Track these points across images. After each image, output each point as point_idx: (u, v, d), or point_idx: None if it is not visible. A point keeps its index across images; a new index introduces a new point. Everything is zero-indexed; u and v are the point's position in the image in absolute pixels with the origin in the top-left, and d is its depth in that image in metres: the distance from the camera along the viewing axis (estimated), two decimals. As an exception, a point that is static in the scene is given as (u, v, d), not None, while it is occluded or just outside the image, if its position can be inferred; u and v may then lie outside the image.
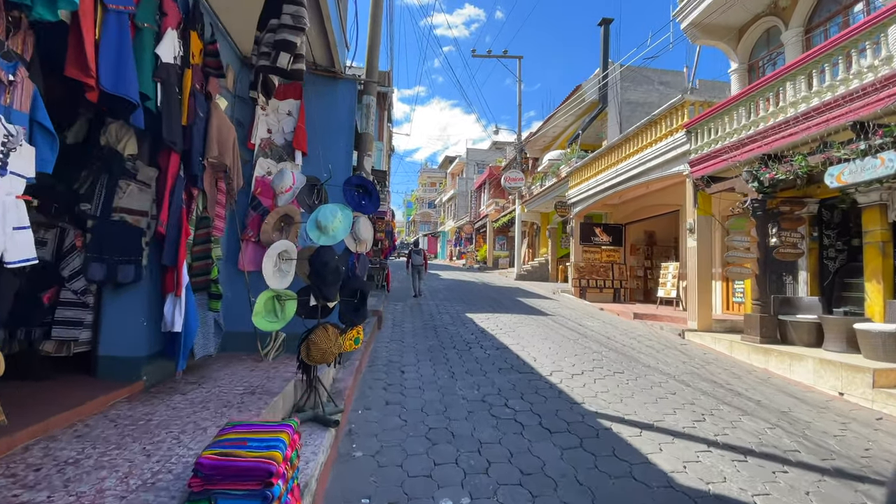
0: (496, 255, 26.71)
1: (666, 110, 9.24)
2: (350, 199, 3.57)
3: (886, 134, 5.11)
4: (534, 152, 22.06)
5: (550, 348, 6.73)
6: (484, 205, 29.88)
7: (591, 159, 12.97)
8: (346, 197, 3.58)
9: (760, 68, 8.91)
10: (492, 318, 9.15)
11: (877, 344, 5.40)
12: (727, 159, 7.51)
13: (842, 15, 7.12)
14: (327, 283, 3.00)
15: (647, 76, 15.88)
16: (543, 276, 19.61)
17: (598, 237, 14.33)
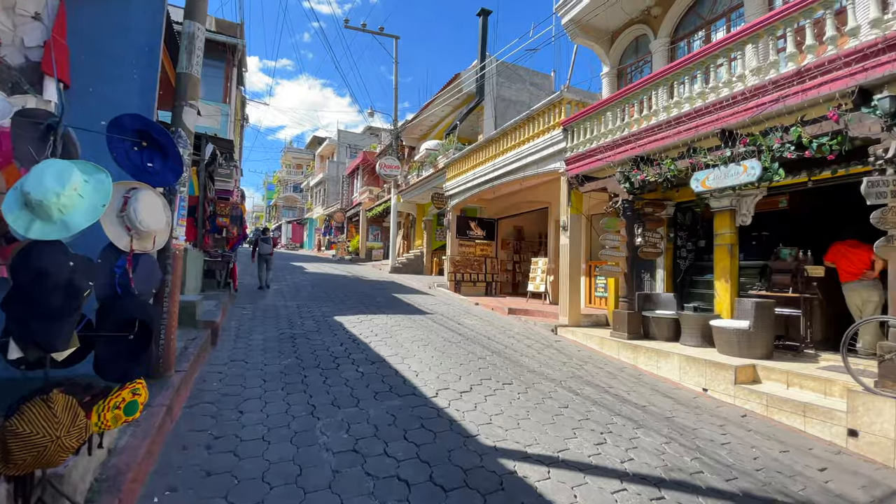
0: (370, 246, 25.33)
1: (544, 106, 9.16)
2: (121, 155, 2.08)
3: (751, 143, 5.41)
4: (410, 140, 21.23)
5: (433, 357, 5.88)
6: (357, 192, 28.12)
7: (470, 151, 12.60)
8: (113, 152, 2.08)
9: (629, 74, 9.42)
10: (365, 320, 7.98)
11: (731, 340, 5.80)
12: (602, 159, 7.60)
13: (704, 29, 7.74)
14: (41, 315, 1.55)
15: (521, 75, 16.26)
16: (418, 269, 19.02)
17: (473, 231, 14.16)
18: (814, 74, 4.66)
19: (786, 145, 5.04)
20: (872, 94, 4.26)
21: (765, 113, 5.14)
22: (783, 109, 4.97)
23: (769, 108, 5.10)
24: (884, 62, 4.12)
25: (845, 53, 4.38)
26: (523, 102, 16.00)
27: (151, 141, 2.27)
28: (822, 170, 5.39)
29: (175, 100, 3.84)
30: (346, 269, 19.19)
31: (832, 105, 4.55)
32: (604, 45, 9.51)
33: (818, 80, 4.63)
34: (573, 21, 9.05)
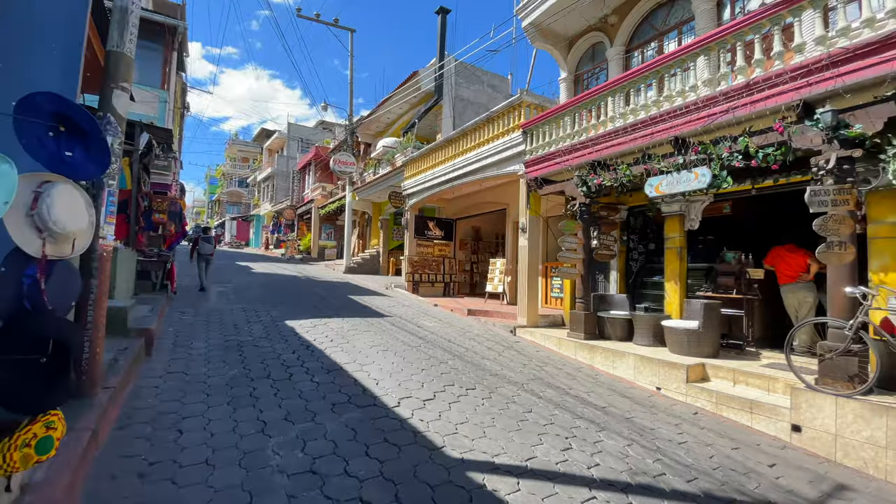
0: (323, 244, 24.48)
1: (504, 108, 9.16)
2: (32, 142, 1.71)
3: (702, 151, 5.63)
4: (366, 137, 20.71)
5: (394, 363, 5.65)
6: (309, 188, 27.10)
7: (429, 151, 12.43)
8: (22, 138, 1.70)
9: (585, 80, 9.63)
10: (320, 324, 7.58)
11: (682, 340, 6.03)
12: (560, 163, 7.68)
13: (657, 40, 8.03)
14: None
15: (479, 76, 16.30)
16: (374, 269, 18.59)
17: (432, 231, 14.01)
18: (761, 87, 4.91)
19: (734, 154, 5.28)
20: (815, 108, 4.53)
21: (716, 123, 5.37)
22: (732, 120, 5.20)
23: (719, 118, 5.33)
24: (827, 78, 4.39)
25: (791, 68, 4.64)
26: (481, 104, 16.04)
27: (71, 126, 1.90)
28: (765, 178, 5.71)
29: (104, 81, 3.35)
30: (297, 269, 18.39)
31: (778, 117, 4.81)
32: (562, 50, 9.68)
33: (765, 93, 4.87)
34: (533, 25, 9.13)
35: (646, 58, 8.18)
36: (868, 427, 3.90)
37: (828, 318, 4.38)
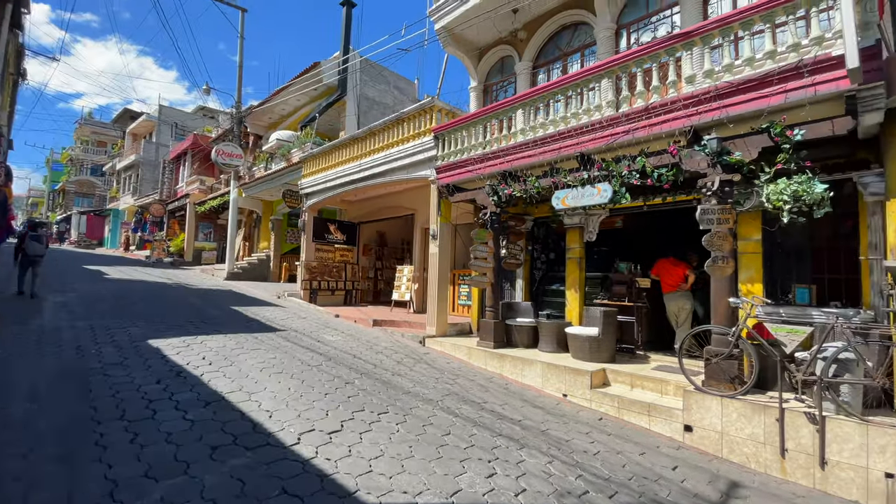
0: (199, 246, 21.54)
1: (415, 110, 8.86)
2: None
3: (604, 167, 5.93)
4: (257, 128, 18.77)
5: (291, 389, 4.89)
6: (184, 181, 23.74)
7: (332, 148, 11.57)
8: None
9: (494, 91, 9.78)
10: (195, 343, 6.38)
11: (584, 346, 6.27)
12: (472, 171, 7.62)
13: (562, 60, 8.43)
14: None
15: (385, 76, 15.82)
16: (263, 275, 16.82)
17: (333, 235, 13.09)
18: (658, 112, 5.30)
19: (632, 172, 5.64)
20: (703, 135, 5.00)
21: (618, 142, 5.69)
22: (633, 140, 5.55)
23: (621, 138, 5.66)
24: (714, 108, 4.87)
25: (684, 97, 5.07)
26: (387, 105, 15.58)
27: None
28: (656, 196, 6.21)
29: None
30: (167, 274, 15.83)
31: (673, 141, 5.23)
32: (473, 58, 9.73)
33: (662, 117, 5.28)
34: (446, 29, 9.00)
35: (552, 75, 8.57)
36: (749, 424, 4.34)
37: (712, 326, 4.83)
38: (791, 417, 4.14)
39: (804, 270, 5.25)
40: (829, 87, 4.22)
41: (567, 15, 8.15)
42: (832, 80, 4.20)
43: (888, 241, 4.29)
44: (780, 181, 4.49)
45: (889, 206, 4.30)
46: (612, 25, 7.49)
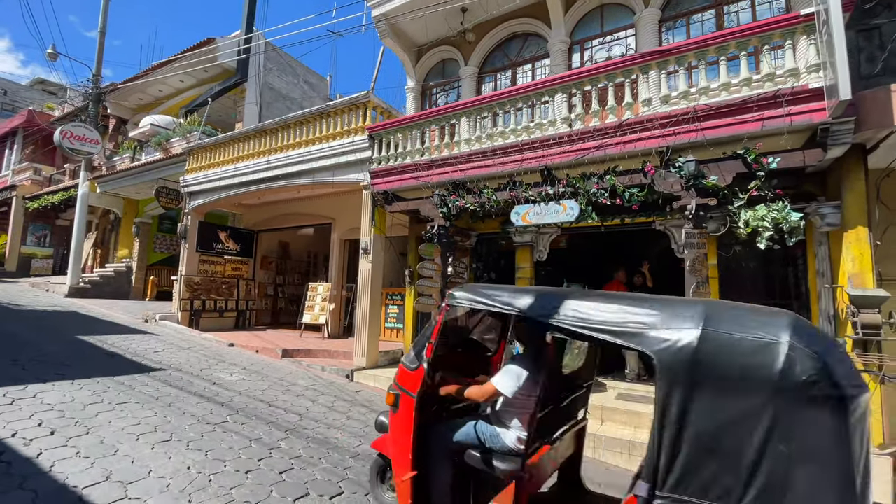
0: (28, 252, 16.75)
1: (346, 104, 7.68)
2: None
3: (570, 184, 5.52)
4: (121, 109, 15.29)
5: (191, 468, 3.38)
6: (9, 168, 18.43)
7: (229, 140, 9.63)
8: None
9: (434, 95, 9.02)
10: (23, 398, 4.32)
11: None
12: (417, 178, 6.73)
13: (511, 70, 8.02)
14: None
15: (294, 68, 14.09)
16: (120, 291, 13.52)
17: (224, 244, 10.97)
18: (634, 129, 5.06)
19: (601, 191, 5.32)
20: (677, 157, 4.84)
21: (589, 157, 5.33)
22: (605, 157, 5.23)
23: (592, 153, 5.31)
24: (691, 130, 4.73)
25: (661, 116, 4.88)
26: (294, 99, 13.86)
27: None
28: (615, 217, 6.00)
29: None
30: (-26, 289, 11.75)
31: (649, 160, 5.01)
32: (411, 56, 8.88)
33: (637, 134, 5.03)
34: (386, 17, 8.00)
35: (499, 84, 8.13)
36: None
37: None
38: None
39: (757, 295, 5.39)
40: (804, 118, 4.31)
41: (519, 23, 7.82)
42: (807, 112, 4.29)
43: (846, 270, 4.49)
44: (759, 207, 4.46)
45: (847, 236, 4.50)
46: (566, 40, 7.32)
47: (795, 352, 1.52)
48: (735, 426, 1.57)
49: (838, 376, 1.46)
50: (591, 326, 1.95)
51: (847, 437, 1.39)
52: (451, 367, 2.91)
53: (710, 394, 1.63)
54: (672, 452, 1.66)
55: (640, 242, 8.57)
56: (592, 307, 2.01)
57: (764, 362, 1.56)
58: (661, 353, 1.72)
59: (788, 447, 1.46)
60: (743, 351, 1.61)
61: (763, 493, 1.47)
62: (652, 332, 1.79)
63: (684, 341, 1.70)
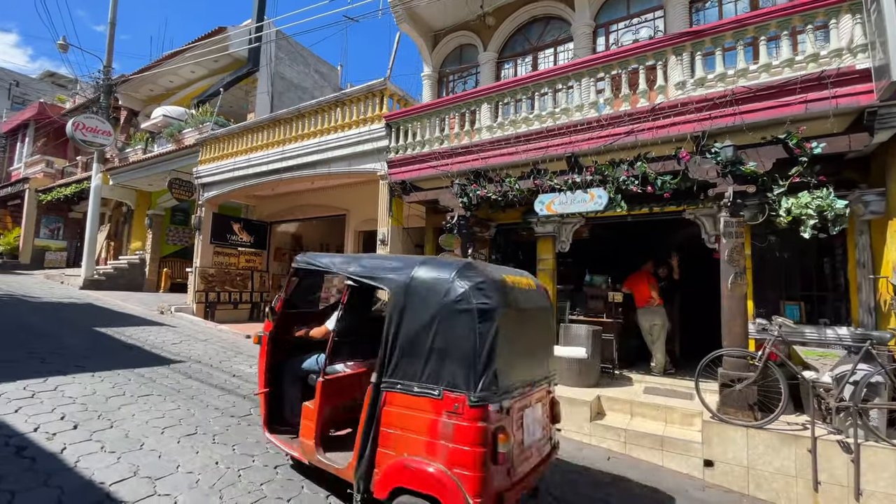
0: (42, 245, 16.86)
1: (362, 92, 7.51)
2: None
3: (598, 171, 5.33)
4: (132, 101, 15.23)
5: (219, 464, 3.30)
6: (22, 161, 18.51)
7: (243, 130, 9.52)
8: None
9: (451, 82, 8.82)
10: (44, 391, 4.27)
11: (572, 369, 5.57)
12: (436, 167, 6.56)
13: (532, 54, 7.79)
14: None
15: (305, 57, 13.90)
16: (134, 283, 13.55)
17: (238, 236, 10.91)
18: (667, 114, 4.85)
19: (631, 178, 5.13)
20: (715, 141, 4.63)
21: (619, 143, 5.13)
22: (637, 142, 5.03)
23: (622, 139, 5.11)
24: (729, 113, 4.52)
25: (696, 99, 4.66)
26: (306, 89, 13.69)
27: None
28: (643, 206, 5.80)
29: None
30: (-9, 281, 11.83)
31: (685, 145, 4.81)
32: (428, 42, 8.67)
33: (670, 119, 4.82)
34: (402, 0, 7.80)
35: (519, 70, 7.90)
36: (778, 457, 3.96)
37: (731, 349, 4.43)
38: (822, 447, 3.85)
39: (792, 287, 5.20)
40: (850, 100, 4.08)
41: (541, 6, 7.57)
42: (853, 94, 4.07)
43: (890, 260, 4.28)
44: (803, 195, 4.26)
45: (891, 225, 4.30)
46: (590, 23, 7.07)
47: (453, 284, 2.50)
48: (423, 328, 2.54)
49: (473, 298, 2.43)
50: (362, 274, 2.96)
51: (474, 328, 2.37)
52: (312, 319, 3.77)
53: (413, 310, 2.61)
54: (392, 350, 2.61)
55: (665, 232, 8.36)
56: (365, 263, 3.04)
57: (438, 290, 2.55)
58: (391, 286, 2.74)
59: (447, 336, 2.46)
60: (429, 285, 2.60)
61: (436, 359, 2.46)
62: (388, 275, 2.81)
63: (402, 280, 2.70)
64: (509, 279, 2.74)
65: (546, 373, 3.04)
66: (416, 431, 2.42)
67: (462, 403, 2.30)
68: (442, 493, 2.25)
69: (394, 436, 2.50)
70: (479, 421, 2.27)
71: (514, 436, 2.48)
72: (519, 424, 2.59)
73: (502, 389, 2.40)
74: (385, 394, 2.57)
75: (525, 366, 2.75)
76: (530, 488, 2.75)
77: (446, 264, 2.68)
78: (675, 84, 4.93)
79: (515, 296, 2.68)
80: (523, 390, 2.65)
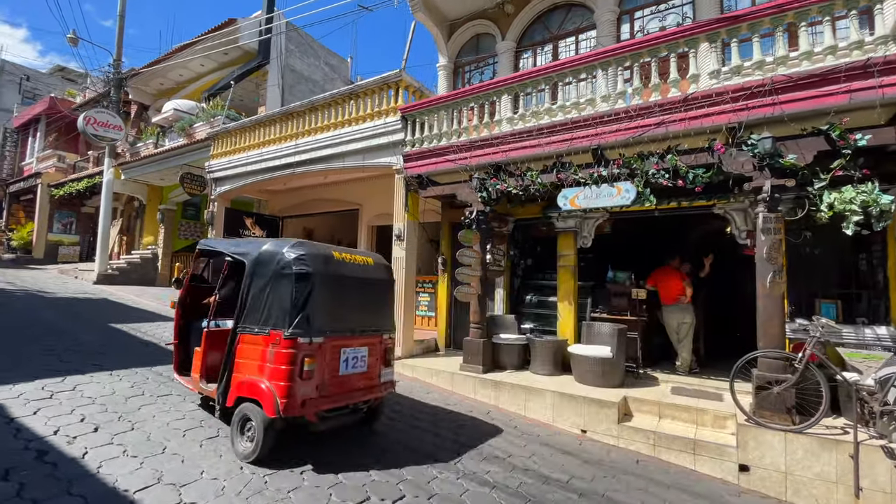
0: (55, 240, 16.95)
1: (377, 84, 7.34)
2: None
3: (625, 164, 5.14)
4: (142, 95, 15.17)
5: (237, 463, 3.21)
6: (34, 156, 18.59)
7: (255, 124, 9.39)
8: None
9: (467, 73, 8.61)
10: (62, 391, 4.22)
11: (595, 369, 5.43)
12: (455, 160, 6.41)
13: (552, 43, 7.56)
14: None
15: (315, 49, 13.72)
16: (147, 278, 13.58)
17: (250, 231, 10.82)
18: (700, 104, 4.64)
19: (661, 172, 4.93)
20: (749, 133, 4.42)
21: (649, 134, 4.94)
22: (668, 134, 4.84)
23: (652, 130, 4.91)
24: (767, 103, 4.31)
25: (733, 89, 4.45)
26: (316, 81, 13.53)
27: None
28: (671, 200, 5.61)
29: None
30: (9, 276, 11.89)
31: (713, 137, 4.60)
32: (443, 31, 8.46)
33: (704, 109, 4.62)
34: (419, -12, 7.61)
35: (538, 59, 7.67)
36: (818, 462, 3.81)
37: (772, 351, 4.26)
38: (864, 452, 3.68)
39: (828, 285, 5.01)
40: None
41: (563, -8, 7.34)
42: (904, 82, 3.84)
43: (940, 258, 4.08)
44: (846, 189, 4.05)
45: (942, 221, 4.08)
46: (615, 9, 6.83)
47: (282, 256, 3.50)
48: (263, 287, 3.54)
49: (293, 266, 3.41)
50: (234, 252, 4.00)
51: (292, 287, 3.35)
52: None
53: (258, 276, 3.62)
54: (244, 304, 3.62)
55: (688, 227, 8.14)
56: (238, 245, 4.11)
57: (273, 261, 3.54)
58: (248, 259, 3.74)
59: (276, 292, 3.44)
60: (268, 258, 3.60)
61: (269, 308, 3.44)
62: (248, 251, 3.82)
63: (254, 254, 3.72)
64: (337, 255, 3.74)
65: (375, 326, 3.94)
66: (254, 359, 3.43)
67: (280, 337, 3.29)
68: (262, 397, 3.24)
69: (241, 364, 3.53)
70: (289, 349, 3.25)
71: (323, 362, 3.41)
72: (334, 356, 3.51)
73: (314, 330, 3.35)
74: (239, 335, 3.59)
75: (344, 317, 3.66)
76: (349, 404, 3.67)
77: (283, 242, 3.69)
78: (709, 73, 4.71)
79: (337, 267, 3.66)
80: (340, 334, 3.58)
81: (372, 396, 3.87)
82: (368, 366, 3.80)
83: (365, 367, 3.77)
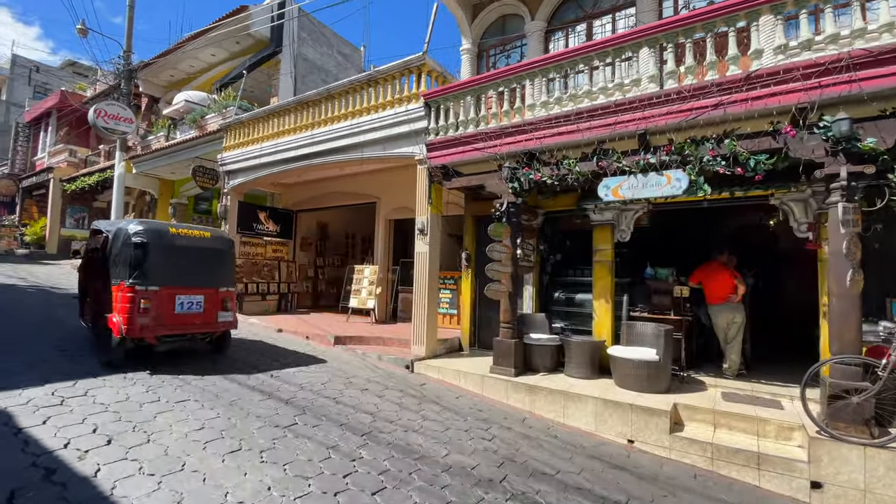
0: (68, 235, 16.85)
1: (398, 69, 6.94)
2: None
3: (675, 151, 4.70)
4: (153, 87, 14.91)
5: (271, 489, 2.89)
6: (46, 151, 18.49)
7: (268, 114, 9.05)
8: None
9: (492, 56, 8.17)
10: (73, 396, 3.93)
11: (640, 373, 5.04)
12: (482, 149, 6.00)
13: (586, 23, 7.09)
14: None
15: (328, 37, 13.32)
16: (161, 273, 13.35)
17: (264, 225, 10.55)
18: (766, 83, 4.18)
19: (717, 158, 4.49)
20: (822, 114, 3.97)
21: (704, 117, 4.49)
22: (725, 117, 4.39)
23: (709, 113, 4.47)
24: (843, 81, 3.84)
25: (804, 65, 3.99)
26: (329, 71, 13.15)
27: None
28: (723, 189, 5.16)
29: None
30: (21, 271, 11.76)
31: (779, 120, 4.15)
32: (467, 12, 8.02)
33: (770, 89, 4.16)
34: (441, -34, 7.18)
35: (570, 41, 7.22)
36: (906, 482, 3.39)
37: (851, 357, 3.83)
38: (961, 473, 3.27)
39: None
40: None
41: (596, -33, 6.86)
42: None
43: None
44: (938, 176, 3.59)
45: None
46: (657, -17, 6.37)
47: (127, 231, 4.98)
48: (118, 253, 4.99)
49: (133, 237, 4.89)
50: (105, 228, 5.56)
51: (132, 252, 4.88)
52: None
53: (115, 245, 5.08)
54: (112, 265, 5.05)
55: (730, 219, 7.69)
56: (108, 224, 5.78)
57: (122, 234, 5.01)
58: (111, 234, 5.25)
59: (123, 256, 4.93)
60: (121, 232, 5.06)
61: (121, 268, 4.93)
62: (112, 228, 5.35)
63: (114, 230, 5.22)
64: (173, 230, 5.21)
65: (208, 283, 5.33)
66: (115, 301, 4.79)
67: (125, 286, 4.74)
68: (113, 325, 4.70)
69: (114, 306, 4.82)
70: (130, 293, 4.72)
71: (159, 304, 4.88)
72: (169, 300, 4.97)
73: (149, 282, 4.82)
74: (112, 286, 4.89)
75: (179, 273, 5.08)
76: (185, 333, 5.19)
77: (130, 221, 5.15)
78: (774, 48, 4.25)
79: (171, 239, 5.12)
80: (174, 284, 5.02)
81: (210, 330, 5.37)
82: (205, 310, 5.22)
83: (201, 310, 5.20)
